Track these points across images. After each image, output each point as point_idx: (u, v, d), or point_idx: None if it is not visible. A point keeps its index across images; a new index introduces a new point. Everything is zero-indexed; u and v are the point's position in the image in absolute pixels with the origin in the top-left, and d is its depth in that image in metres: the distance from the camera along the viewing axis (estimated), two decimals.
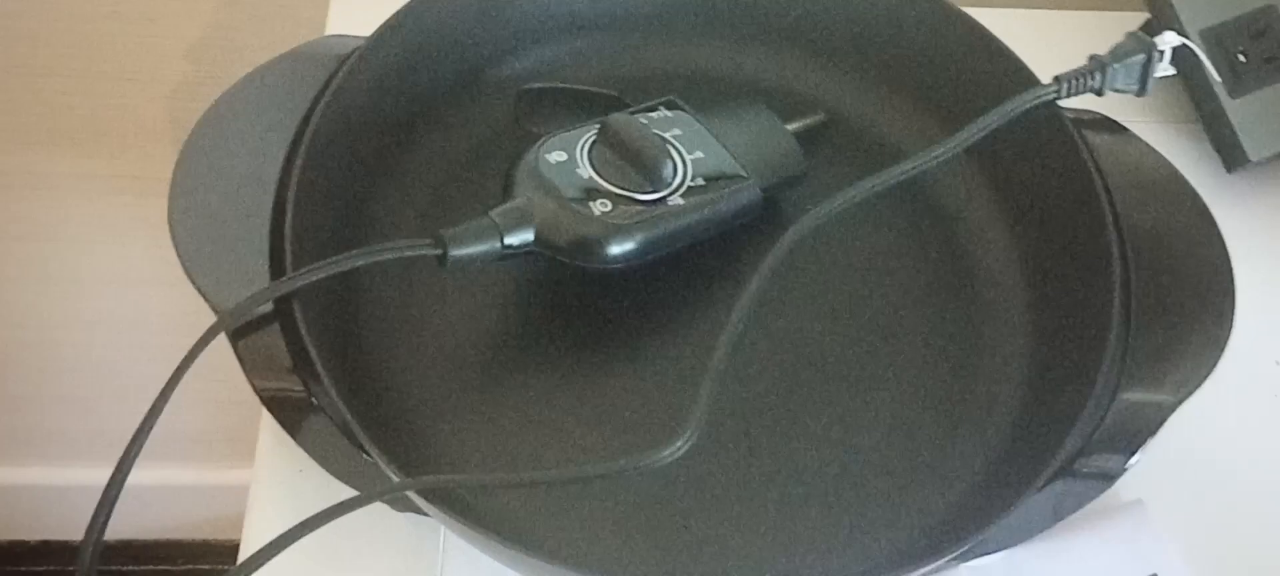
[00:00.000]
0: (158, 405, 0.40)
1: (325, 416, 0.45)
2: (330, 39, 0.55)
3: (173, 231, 0.47)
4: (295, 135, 0.50)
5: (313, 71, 0.52)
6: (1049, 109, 0.50)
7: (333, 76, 0.51)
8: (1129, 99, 0.50)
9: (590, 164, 0.48)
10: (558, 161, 0.48)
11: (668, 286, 0.50)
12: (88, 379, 0.98)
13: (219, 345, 0.44)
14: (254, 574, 0.37)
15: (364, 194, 0.51)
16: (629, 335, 0.50)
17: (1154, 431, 0.47)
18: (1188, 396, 0.48)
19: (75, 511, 0.39)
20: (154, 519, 1.10)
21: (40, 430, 1.04)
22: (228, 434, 1.02)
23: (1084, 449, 0.46)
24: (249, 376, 0.45)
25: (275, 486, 0.48)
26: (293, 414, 0.46)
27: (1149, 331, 0.49)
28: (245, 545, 0.47)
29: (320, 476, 0.45)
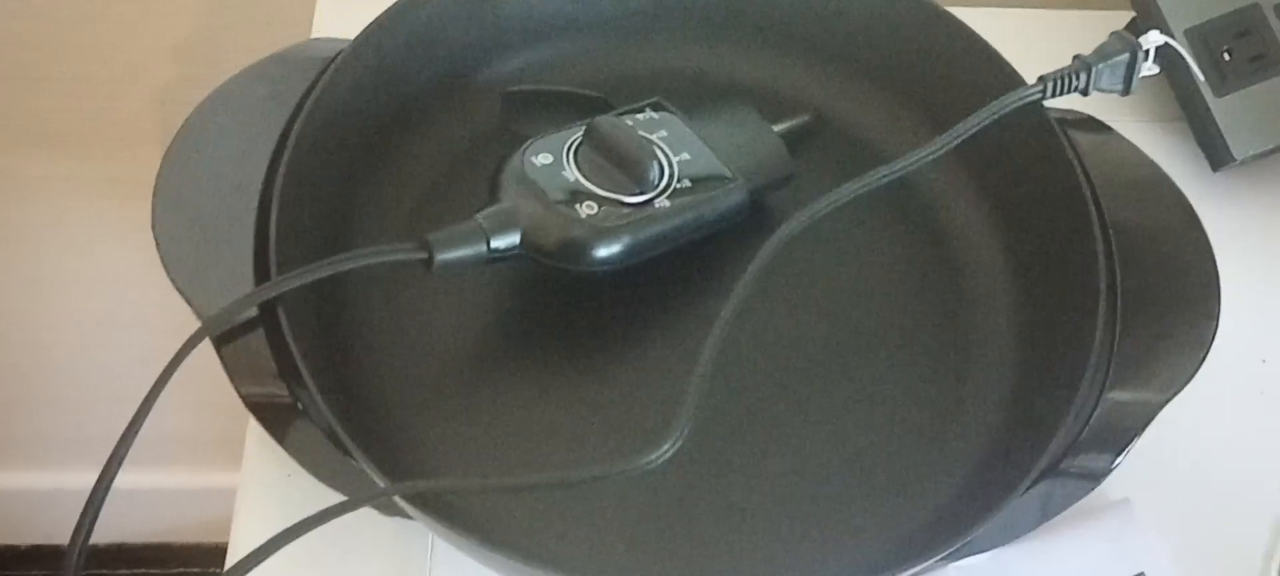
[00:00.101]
0: (143, 410, 0.40)
1: (311, 422, 0.45)
2: (316, 42, 0.55)
3: (156, 235, 0.47)
4: (280, 138, 0.50)
5: (299, 74, 0.52)
6: (1034, 109, 0.50)
7: (318, 79, 0.51)
8: (1114, 98, 0.50)
9: (576, 166, 0.48)
10: (544, 164, 0.48)
11: (655, 289, 0.50)
12: (78, 382, 0.98)
13: (207, 347, 0.44)
14: None
15: (349, 197, 0.51)
16: (616, 338, 0.50)
17: (1140, 430, 0.47)
18: (1174, 395, 0.48)
19: (66, 515, 0.39)
20: (145, 522, 1.10)
21: (30, 434, 1.03)
22: (219, 436, 1.01)
23: (1071, 448, 0.46)
24: (234, 382, 0.45)
25: (263, 491, 0.48)
26: (279, 419, 0.45)
27: (1135, 330, 0.49)
28: (232, 550, 0.47)
29: (308, 481, 0.44)
